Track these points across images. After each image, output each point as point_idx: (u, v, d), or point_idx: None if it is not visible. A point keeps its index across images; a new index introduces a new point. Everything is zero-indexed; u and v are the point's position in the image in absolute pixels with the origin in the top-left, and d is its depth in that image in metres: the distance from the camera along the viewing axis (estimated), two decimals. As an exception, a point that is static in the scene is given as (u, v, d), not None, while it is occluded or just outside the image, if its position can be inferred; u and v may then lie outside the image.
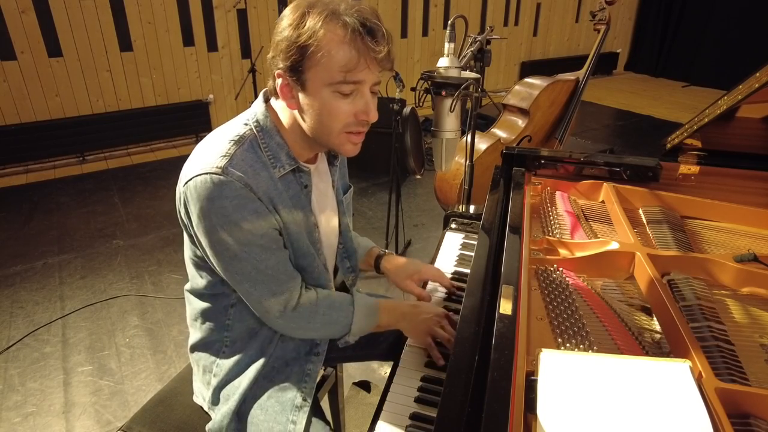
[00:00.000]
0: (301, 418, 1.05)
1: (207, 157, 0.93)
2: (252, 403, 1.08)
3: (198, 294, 1.10)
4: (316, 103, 0.92)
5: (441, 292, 1.31)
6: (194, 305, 1.12)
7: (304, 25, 0.87)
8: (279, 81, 0.93)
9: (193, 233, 0.99)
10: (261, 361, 1.10)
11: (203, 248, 0.98)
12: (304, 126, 0.97)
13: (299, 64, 0.89)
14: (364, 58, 0.89)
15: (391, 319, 1.13)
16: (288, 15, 0.90)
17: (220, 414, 1.08)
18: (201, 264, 1.05)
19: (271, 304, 1.01)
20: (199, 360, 1.15)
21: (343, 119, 0.94)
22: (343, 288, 1.37)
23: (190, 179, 0.92)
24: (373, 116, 0.96)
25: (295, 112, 0.97)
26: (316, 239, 1.08)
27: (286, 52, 0.89)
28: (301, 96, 0.93)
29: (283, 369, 1.12)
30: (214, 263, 0.99)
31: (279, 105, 1.00)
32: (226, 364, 1.11)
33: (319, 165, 1.11)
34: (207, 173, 0.90)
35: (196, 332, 1.15)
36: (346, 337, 1.12)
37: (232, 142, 0.95)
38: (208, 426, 1.09)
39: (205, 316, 1.11)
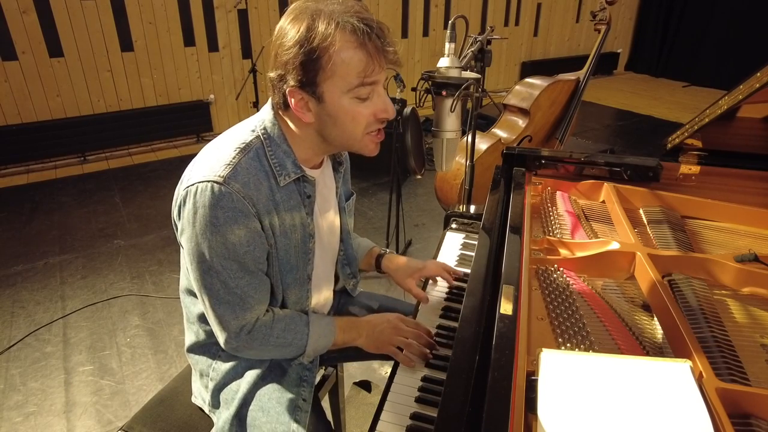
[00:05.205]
0: (303, 418, 1.05)
1: (211, 164, 0.93)
2: (252, 406, 1.07)
3: (194, 296, 1.10)
4: (336, 113, 0.92)
5: (440, 291, 1.31)
6: (190, 308, 1.12)
7: (314, 39, 0.85)
8: (292, 100, 0.92)
9: (178, 235, 0.99)
10: (258, 366, 1.10)
11: (184, 252, 0.99)
12: (325, 136, 0.97)
13: (314, 78, 0.88)
14: (377, 59, 0.89)
15: (348, 337, 1.12)
16: (290, 30, 0.88)
17: (221, 420, 1.08)
18: None
19: (230, 325, 1.00)
20: (196, 363, 1.15)
21: (365, 122, 0.94)
22: (343, 293, 1.37)
23: (192, 184, 0.92)
24: (392, 112, 0.96)
25: (311, 125, 0.96)
26: (309, 249, 1.07)
27: (300, 69, 0.87)
28: (318, 109, 0.93)
29: (281, 373, 1.11)
30: (189, 270, 0.99)
31: (287, 114, 0.99)
32: (223, 367, 1.11)
33: (325, 170, 1.11)
34: (209, 181, 0.90)
35: (191, 334, 1.15)
36: (300, 358, 1.10)
37: (238, 149, 0.95)
38: None
39: (201, 319, 1.11)
